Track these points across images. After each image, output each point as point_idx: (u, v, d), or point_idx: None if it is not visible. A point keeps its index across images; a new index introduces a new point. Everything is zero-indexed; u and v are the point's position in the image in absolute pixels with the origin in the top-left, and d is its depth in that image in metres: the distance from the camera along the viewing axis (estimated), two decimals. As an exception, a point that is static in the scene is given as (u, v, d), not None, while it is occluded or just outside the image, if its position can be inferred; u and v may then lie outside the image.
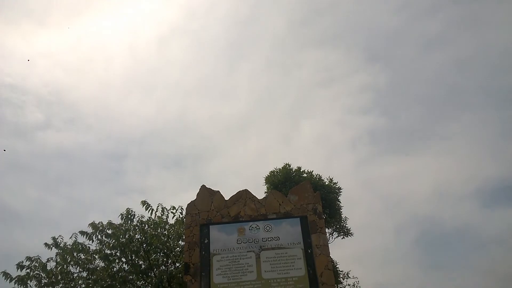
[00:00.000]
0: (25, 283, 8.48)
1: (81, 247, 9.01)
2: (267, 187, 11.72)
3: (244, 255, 5.80)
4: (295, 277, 5.59)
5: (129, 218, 9.35)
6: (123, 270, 9.19)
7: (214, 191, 6.54)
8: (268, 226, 6.07)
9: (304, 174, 11.60)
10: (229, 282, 5.55)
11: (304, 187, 6.55)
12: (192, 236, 6.00)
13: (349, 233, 11.71)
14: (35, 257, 8.72)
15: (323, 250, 5.82)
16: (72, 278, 8.98)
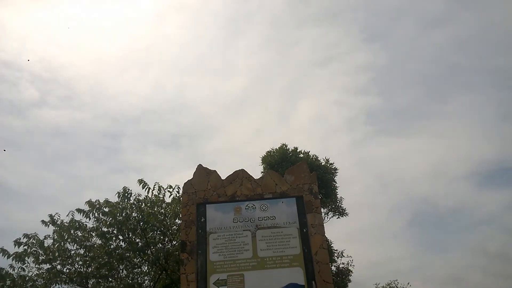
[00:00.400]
0: (22, 260, 8.56)
1: (78, 224, 9.05)
2: (264, 167, 11.77)
3: (240, 233, 5.85)
4: (290, 255, 5.66)
5: (126, 196, 9.37)
6: (120, 248, 9.28)
7: (210, 170, 6.54)
8: (264, 206, 6.11)
9: (301, 154, 11.65)
10: (225, 260, 5.62)
11: (300, 167, 6.56)
12: (188, 215, 6.03)
13: (344, 213, 11.86)
14: (32, 234, 8.77)
15: (318, 229, 5.89)
16: (70, 255, 9.07)
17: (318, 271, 5.50)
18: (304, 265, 5.56)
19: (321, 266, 5.54)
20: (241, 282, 5.43)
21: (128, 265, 9.58)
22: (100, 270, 9.05)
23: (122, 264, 9.39)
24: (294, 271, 5.52)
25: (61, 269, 9.08)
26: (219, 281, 5.45)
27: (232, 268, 5.54)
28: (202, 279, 5.48)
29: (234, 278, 5.47)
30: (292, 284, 5.41)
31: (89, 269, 9.13)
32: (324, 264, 5.58)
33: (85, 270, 9.12)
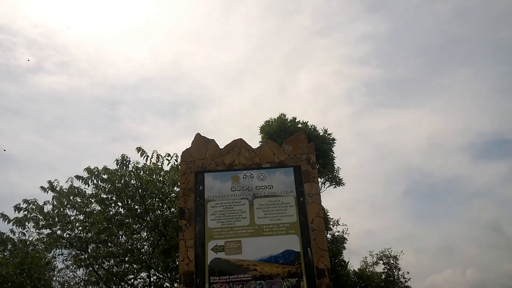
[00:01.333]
0: (23, 225, 8.69)
1: (77, 191, 9.13)
2: (262, 136, 11.78)
3: (238, 202, 5.93)
4: (287, 223, 5.76)
5: (124, 164, 9.42)
6: (119, 214, 9.41)
7: (209, 139, 6.55)
8: (262, 175, 6.16)
9: (299, 124, 11.64)
10: (223, 227, 5.72)
11: (298, 137, 6.57)
12: (187, 183, 6.09)
13: (341, 182, 11.98)
14: (32, 200, 8.86)
15: (315, 198, 5.97)
16: (69, 220, 9.20)
17: (314, 238, 5.62)
18: (300, 232, 5.67)
19: (316, 234, 5.66)
20: (238, 248, 5.55)
21: (127, 231, 9.75)
22: (100, 236, 9.22)
23: (122, 230, 9.55)
24: (290, 238, 5.63)
25: (61, 234, 9.24)
26: (217, 247, 5.56)
27: (230, 235, 5.65)
28: (200, 245, 5.59)
29: (232, 244, 5.58)
30: (288, 251, 5.54)
31: (88, 234, 9.30)
32: (320, 232, 5.69)
33: (84, 236, 9.29)
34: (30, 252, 9.65)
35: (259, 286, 5.32)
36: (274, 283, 5.33)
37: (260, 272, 5.39)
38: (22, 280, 9.49)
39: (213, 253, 5.53)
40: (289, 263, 5.46)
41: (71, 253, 10.62)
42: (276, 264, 5.45)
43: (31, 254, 9.63)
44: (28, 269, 9.55)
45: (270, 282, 5.34)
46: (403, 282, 12.46)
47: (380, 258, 13.02)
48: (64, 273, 12.16)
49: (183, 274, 5.40)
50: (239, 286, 5.32)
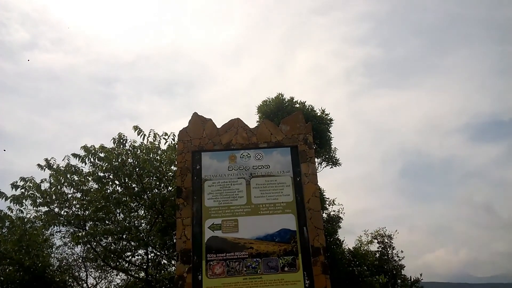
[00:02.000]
0: (20, 202, 8.72)
1: (74, 169, 9.13)
2: (259, 116, 11.75)
3: (234, 181, 5.96)
4: (283, 202, 5.81)
5: (121, 142, 9.40)
6: (116, 192, 9.44)
7: (206, 118, 6.52)
8: (259, 155, 6.17)
9: (297, 104, 11.59)
10: (220, 205, 5.77)
11: (296, 117, 6.56)
12: (184, 162, 6.09)
13: (338, 163, 12.03)
14: (29, 178, 8.86)
15: (312, 178, 6.00)
16: (67, 198, 9.23)
17: (310, 217, 5.68)
18: (297, 212, 5.73)
19: (312, 213, 5.72)
20: (235, 227, 5.61)
21: (124, 209, 9.81)
22: (97, 213, 9.27)
23: (119, 208, 9.61)
24: (286, 217, 5.70)
25: (58, 212, 9.29)
26: (214, 225, 5.62)
27: (227, 213, 5.71)
28: (197, 223, 5.65)
29: (228, 223, 5.64)
30: (284, 230, 5.61)
31: (86, 212, 9.35)
32: (316, 211, 5.75)
33: (82, 213, 9.34)
34: (28, 229, 9.74)
35: (255, 263, 5.40)
36: (270, 260, 5.42)
37: (257, 250, 5.47)
38: (21, 256, 9.61)
39: (210, 231, 5.59)
40: (285, 241, 5.54)
41: (69, 231, 10.71)
42: (272, 242, 5.53)
43: (29, 231, 9.72)
44: (26, 246, 9.66)
45: (266, 259, 5.43)
46: (397, 261, 12.68)
47: (374, 237, 13.21)
48: (62, 250, 12.32)
49: (180, 252, 5.47)
50: (235, 263, 5.40)
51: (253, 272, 5.35)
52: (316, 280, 5.32)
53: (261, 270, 5.37)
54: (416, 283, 12.21)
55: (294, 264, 5.42)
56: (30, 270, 9.70)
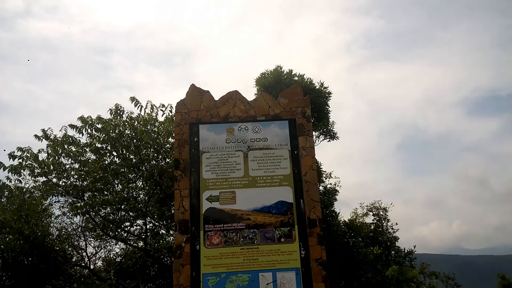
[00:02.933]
0: (18, 172, 8.73)
1: (72, 140, 9.10)
2: (258, 89, 11.66)
3: (232, 154, 5.98)
4: (281, 175, 5.86)
5: (118, 113, 9.33)
6: (114, 164, 9.45)
7: (204, 90, 6.47)
8: (256, 128, 6.16)
9: (296, 77, 11.49)
10: (218, 177, 5.81)
11: (294, 90, 6.51)
12: (181, 134, 6.08)
13: (335, 136, 12.06)
14: (26, 148, 8.84)
15: (309, 151, 6.02)
16: (64, 169, 9.25)
17: (307, 190, 5.74)
18: (294, 184, 5.79)
19: (309, 186, 5.77)
20: (233, 199, 5.67)
21: (123, 180, 9.85)
22: (96, 184, 9.31)
23: (117, 179, 9.65)
24: (283, 190, 5.75)
25: (56, 182, 9.33)
26: (212, 197, 5.68)
27: (224, 185, 5.75)
28: (195, 195, 5.70)
29: (226, 194, 5.70)
30: (281, 202, 5.68)
31: (84, 183, 9.39)
32: (313, 184, 5.80)
33: (80, 184, 9.38)
34: (27, 199, 9.80)
35: (252, 234, 5.49)
36: (267, 231, 5.51)
37: (254, 221, 5.55)
38: (20, 225, 9.71)
39: (208, 202, 5.65)
40: (281, 213, 5.61)
41: (68, 201, 10.80)
42: (269, 214, 5.60)
43: (27, 201, 9.79)
44: (26, 215, 9.75)
45: (263, 230, 5.51)
46: (391, 233, 12.94)
47: (370, 210, 13.43)
48: (61, 220, 12.46)
49: (178, 222, 5.54)
50: (233, 234, 5.49)
51: (250, 242, 5.45)
52: (312, 251, 5.43)
53: (257, 241, 5.47)
54: (409, 255, 12.51)
55: (290, 235, 5.51)
56: (29, 239, 9.84)
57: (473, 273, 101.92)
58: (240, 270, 5.34)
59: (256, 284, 5.28)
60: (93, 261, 13.40)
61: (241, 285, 5.27)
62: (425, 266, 12.66)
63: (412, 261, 12.46)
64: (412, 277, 10.17)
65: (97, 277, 11.15)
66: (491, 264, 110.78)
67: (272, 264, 5.37)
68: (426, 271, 12.50)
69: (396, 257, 12.44)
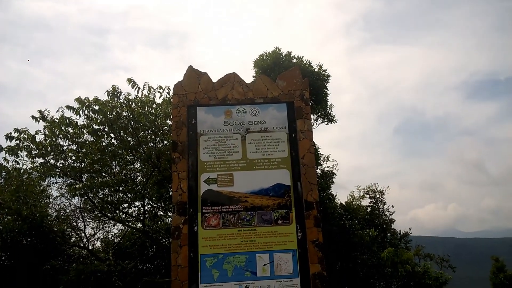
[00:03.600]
0: (15, 154, 8.73)
1: (69, 121, 9.07)
2: (256, 71, 11.59)
3: (230, 136, 5.97)
4: (278, 158, 5.87)
5: (115, 95, 9.29)
6: (112, 145, 9.45)
7: (201, 72, 6.41)
8: (255, 110, 6.14)
9: (294, 59, 11.41)
10: (216, 160, 5.81)
11: (293, 73, 6.46)
12: (179, 116, 6.06)
13: (333, 119, 12.06)
14: (23, 129, 8.81)
15: (307, 135, 6.02)
16: (62, 150, 9.25)
17: (304, 173, 5.76)
18: (291, 167, 5.80)
19: (307, 169, 5.79)
20: (230, 181, 5.69)
21: (120, 162, 9.88)
22: (93, 166, 9.33)
23: (115, 160, 9.67)
24: (281, 172, 5.77)
25: (54, 164, 9.34)
26: (209, 179, 5.70)
27: (222, 168, 5.77)
28: (193, 177, 5.72)
29: (224, 177, 5.72)
30: (279, 184, 5.71)
31: (82, 164, 9.41)
32: (310, 167, 5.82)
33: (78, 165, 9.40)
34: (25, 180, 9.82)
35: (250, 216, 5.54)
36: (264, 214, 5.55)
37: (251, 203, 5.58)
38: (19, 206, 9.76)
39: (206, 185, 5.68)
40: (279, 195, 5.65)
41: (66, 182, 10.84)
42: (266, 196, 5.64)
43: (25, 182, 9.82)
44: (24, 196, 9.79)
45: (261, 212, 5.56)
46: (387, 215, 13.08)
47: (366, 193, 13.53)
48: (60, 201, 12.52)
49: (176, 204, 5.58)
50: (230, 216, 5.54)
51: (248, 224, 5.50)
52: (309, 233, 5.49)
53: (255, 223, 5.51)
54: (405, 237, 12.67)
55: (287, 217, 5.56)
56: (28, 219, 9.91)
57: (467, 255, 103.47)
58: (237, 251, 5.40)
59: (253, 265, 5.35)
60: (92, 241, 13.55)
61: (239, 265, 5.34)
62: (420, 248, 12.85)
63: (408, 243, 12.64)
64: (407, 259, 10.34)
65: (95, 257, 11.28)
66: (485, 247, 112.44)
67: (269, 246, 5.43)
68: (421, 253, 12.70)
69: (391, 239, 12.61)
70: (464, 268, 43.01)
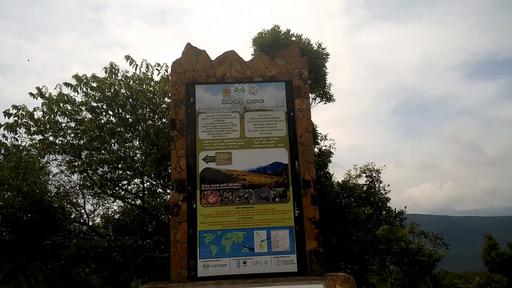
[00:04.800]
0: (14, 130, 8.74)
1: (67, 98, 9.05)
2: (254, 49, 11.49)
3: (228, 115, 5.99)
4: (277, 137, 5.91)
5: (113, 72, 9.23)
6: (110, 123, 9.46)
7: (199, 50, 6.38)
8: (253, 89, 6.14)
9: (293, 37, 11.31)
10: (214, 138, 5.85)
11: (292, 51, 6.44)
12: (177, 94, 6.06)
13: (332, 99, 12.04)
14: (21, 106, 8.80)
15: (305, 113, 6.05)
16: (61, 127, 9.26)
17: (302, 152, 5.82)
18: (289, 146, 5.86)
19: (304, 148, 5.85)
20: (229, 159, 5.75)
21: (119, 139, 9.90)
22: (92, 143, 9.36)
23: (114, 138, 9.69)
24: (279, 151, 5.83)
25: (53, 141, 9.36)
26: (208, 157, 5.75)
27: (220, 146, 5.81)
28: (192, 155, 5.77)
29: (222, 155, 5.77)
30: (277, 163, 5.77)
31: (81, 141, 9.43)
32: (308, 146, 5.88)
33: (77, 143, 9.43)
34: (24, 157, 9.86)
35: (248, 194, 5.62)
36: (262, 191, 5.64)
37: (249, 181, 5.66)
38: (18, 183, 9.83)
39: (204, 163, 5.74)
40: (277, 174, 5.72)
41: (65, 159, 10.89)
42: (264, 174, 5.71)
43: (24, 158, 9.86)
44: (23, 173, 9.85)
45: (258, 190, 5.64)
46: (383, 194, 13.22)
47: (363, 171, 13.64)
48: (59, 178, 12.59)
49: (175, 182, 5.65)
50: (228, 193, 5.62)
51: (245, 202, 5.59)
52: (305, 210, 5.59)
53: (253, 200, 5.60)
54: (400, 215, 12.86)
55: (285, 195, 5.65)
56: (28, 196, 10.00)
57: (461, 234, 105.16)
58: (235, 227, 5.51)
59: (251, 241, 5.47)
60: (92, 218, 13.71)
61: (237, 241, 5.46)
62: (414, 226, 13.06)
63: (403, 221, 12.83)
64: (401, 236, 10.53)
65: (96, 233, 11.45)
66: (479, 225, 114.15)
67: (266, 223, 5.54)
68: (415, 231, 12.93)
69: (387, 218, 12.79)
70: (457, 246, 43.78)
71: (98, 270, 11.49)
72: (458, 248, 48.76)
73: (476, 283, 13.12)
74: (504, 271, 14.79)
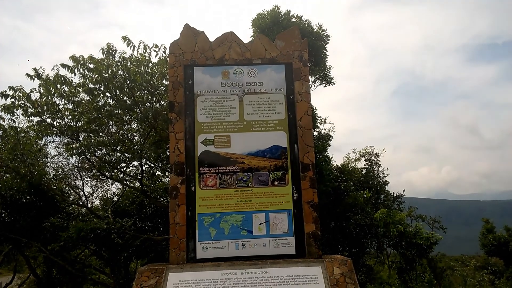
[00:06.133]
0: (11, 112, 8.67)
1: (64, 79, 8.95)
2: (254, 30, 11.33)
3: (227, 97, 5.93)
4: (276, 120, 5.86)
5: (110, 53, 9.10)
6: (108, 105, 9.38)
7: (198, 31, 6.26)
8: (252, 71, 6.06)
9: (293, 19, 11.14)
10: (213, 121, 5.80)
11: (292, 33, 6.32)
12: (176, 76, 5.98)
13: (332, 81, 11.94)
14: (18, 87, 8.71)
15: (305, 97, 5.98)
16: (58, 109, 9.18)
17: (301, 135, 5.78)
18: (288, 129, 5.81)
19: (304, 131, 5.80)
20: (228, 142, 5.71)
21: (117, 121, 9.83)
22: (90, 125, 9.30)
23: (112, 120, 9.63)
24: (278, 134, 5.78)
25: (51, 123, 9.30)
26: (207, 140, 5.71)
27: (219, 129, 5.77)
28: (190, 138, 5.73)
29: (221, 138, 5.73)
30: (276, 146, 5.73)
31: (78, 123, 9.37)
32: (307, 130, 5.83)
33: (75, 125, 9.36)
34: (22, 138, 9.82)
35: (247, 177, 5.60)
36: (260, 175, 5.62)
37: (248, 164, 5.63)
38: (16, 165, 9.81)
39: (203, 146, 5.70)
40: (276, 157, 5.69)
41: (63, 141, 10.84)
42: (263, 158, 5.68)
43: (22, 140, 9.82)
44: (21, 154, 9.82)
45: (257, 174, 5.62)
46: (382, 177, 13.26)
47: (362, 155, 13.65)
48: (58, 160, 12.58)
49: (174, 164, 5.62)
50: (227, 176, 5.60)
51: (244, 185, 5.58)
52: (304, 194, 5.59)
53: (251, 183, 5.59)
54: (398, 199, 12.92)
55: (283, 179, 5.63)
56: (26, 178, 9.98)
57: (459, 217, 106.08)
58: (234, 210, 5.51)
59: (250, 224, 5.47)
60: (91, 200, 13.76)
61: (235, 224, 5.47)
62: (412, 210, 13.14)
63: (401, 204, 12.90)
64: (399, 219, 10.59)
65: (94, 215, 11.50)
66: (476, 209, 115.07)
67: (265, 206, 5.54)
68: (413, 214, 13.00)
69: (385, 201, 12.86)
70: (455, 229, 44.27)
71: (98, 251, 11.59)
72: (455, 231, 49.26)
73: (472, 265, 13.27)
74: (500, 254, 14.97)
